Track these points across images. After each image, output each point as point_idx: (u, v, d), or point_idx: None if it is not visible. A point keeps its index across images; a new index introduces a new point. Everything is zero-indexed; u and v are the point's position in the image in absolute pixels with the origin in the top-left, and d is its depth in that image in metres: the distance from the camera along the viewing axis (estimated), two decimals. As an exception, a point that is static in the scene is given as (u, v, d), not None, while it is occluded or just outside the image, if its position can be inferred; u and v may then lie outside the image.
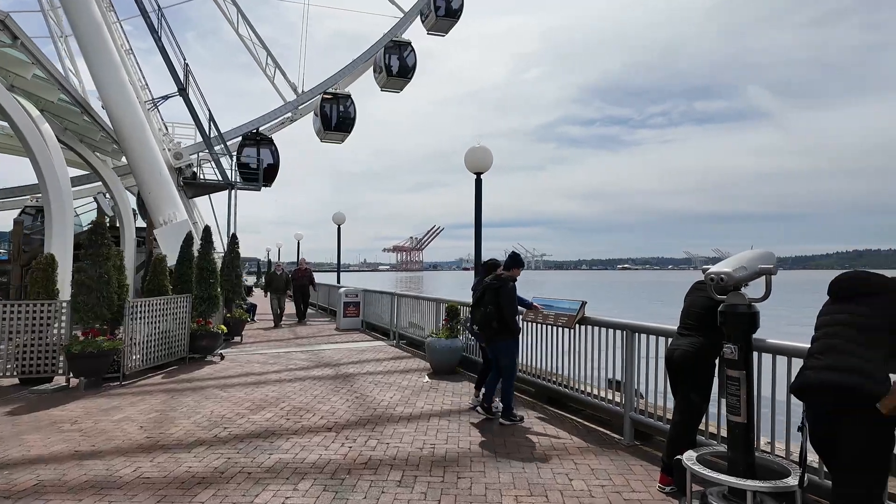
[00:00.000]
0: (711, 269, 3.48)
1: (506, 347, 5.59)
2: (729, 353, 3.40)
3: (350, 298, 14.07)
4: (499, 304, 5.51)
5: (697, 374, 3.83)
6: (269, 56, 22.05)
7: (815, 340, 2.95)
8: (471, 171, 8.37)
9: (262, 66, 21.93)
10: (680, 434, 3.90)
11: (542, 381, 6.28)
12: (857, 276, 3.00)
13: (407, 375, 8.02)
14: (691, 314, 3.97)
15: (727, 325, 3.42)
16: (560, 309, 5.82)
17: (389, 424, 5.49)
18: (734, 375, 3.38)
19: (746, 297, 3.37)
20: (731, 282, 3.33)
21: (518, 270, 5.80)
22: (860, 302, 2.90)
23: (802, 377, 2.87)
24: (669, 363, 3.99)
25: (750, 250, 3.59)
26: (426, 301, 10.29)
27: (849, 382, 2.65)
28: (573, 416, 5.75)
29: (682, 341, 3.93)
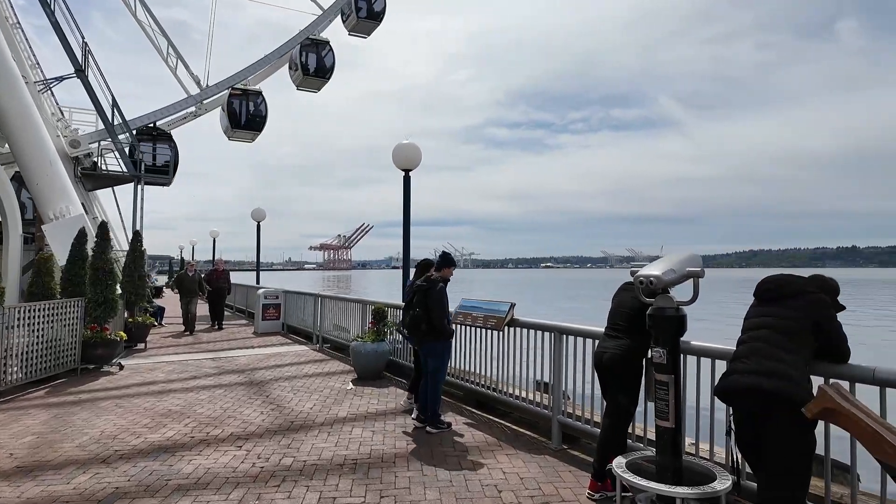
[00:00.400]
0: (640, 271, 3.41)
1: (434, 350, 5.35)
2: (658, 357, 3.34)
3: (270, 300, 13.30)
4: (427, 306, 5.26)
5: (625, 376, 3.78)
6: (169, 45, 20.29)
7: (741, 343, 2.94)
8: (399, 168, 8.06)
9: (163, 55, 20.16)
10: (609, 437, 3.84)
11: (470, 385, 6.11)
12: (782, 279, 3.02)
13: (330, 382, 7.59)
14: (619, 315, 3.91)
15: (655, 329, 3.37)
16: (489, 311, 5.66)
17: (308, 437, 5.08)
18: (663, 380, 3.33)
19: (674, 301, 3.33)
20: (660, 285, 3.28)
21: (450, 270, 5.57)
22: (785, 304, 2.92)
23: (728, 380, 2.84)
24: (598, 365, 3.92)
25: (676, 253, 3.57)
26: (352, 302, 9.86)
27: (774, 386, 2.63)
28: (501, 419, 5.62)
29: (609, 343, 3.87)
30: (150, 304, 13.95)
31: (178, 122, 19.89)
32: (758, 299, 3.06)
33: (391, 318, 7.87)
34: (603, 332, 4.04)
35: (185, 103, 19.84)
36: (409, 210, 8.10)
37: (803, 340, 2.80)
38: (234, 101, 20.66)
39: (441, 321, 5.25)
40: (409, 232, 8.17)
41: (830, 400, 2.40)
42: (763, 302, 3.02)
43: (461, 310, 6.07)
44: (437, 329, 5.25)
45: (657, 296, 3.39)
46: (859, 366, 2.85)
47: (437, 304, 5.26)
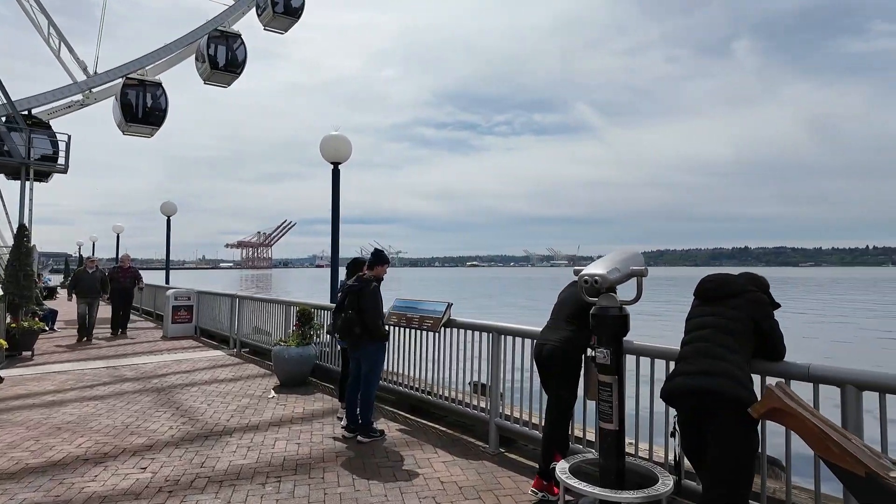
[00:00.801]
0: (585, 270, 3.32)
1: (368, 353, 5.02)
2: (601, 358, 3.26)
3: (181, 301, 12.28)
4: (360, 307, 4.94)
5: (566, 369, 3.71)
6: (50, 24, 17.88)
7: (686, 343, 2.91)
8: (328, 161, 7.63)
9: (44, 34, 17.74)
10: (553, 433, 3.78)
11: (403, 389, 5.84)
12: (723, 279, 3.02)
13: (249, 390, 7.03)
14: (563, 309, 3.86)
15: (599, 329, 3.29)
16: (425, 312, 5.43)
17: (225, 452, 4.60)
18: (606, 381, 3.25)
19: (618, 300, 3.26)
20: (605, 284, 3.19)
21: (383, 269, 5.24)
22: (727, 304, 2.92)
23: (674, 382, 2.79)
24: (539, 359, 3.84)
25: (619, 251, 3.52)
26: (274, 303, 9.23)
27: (720, 387, 2.60)
28: (437, 424, 5.41)
29: (551, 335, 3.80)
30: (40, 306, 12.46)
31: (61, 110, 17.67)
32: (699, 299, 3.05)
33: (318, 319, 7.43)
34: (544, 326, 3.96)
35: (68, 91, 17.56)
36: (339, 205, 7.70)
37: (745, 340, 2.81)
38: (128, 91, 18.52)
39: (375, 323, 4.95)
40: (339, 228, 7.77)
41: (778, 400, 2.38)
42: (705, 302, 3.01)
43: (395, 310, 5.79)
44: (371, 331, 4.95)
45: (600, 295, 3.31)
46: (794, 363, 2.90)
47: (371, 305, 4.95)
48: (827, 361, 2.97)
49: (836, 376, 2.75)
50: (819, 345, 17.71)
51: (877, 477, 2.06)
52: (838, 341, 18.70)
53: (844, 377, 2.72)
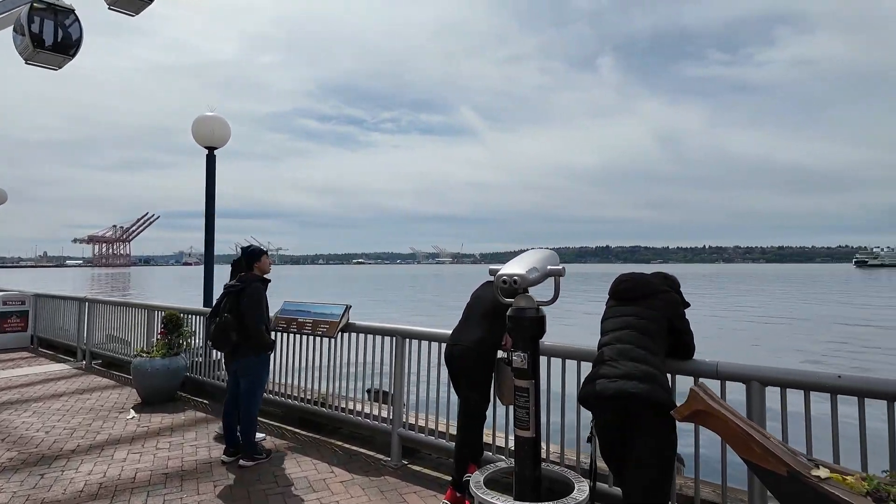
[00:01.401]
0: (502, 270, 3.12)
1: (248, 366, 4.40)
2: (518, 362, 3.08)
3: (11, 306, 10.28)
4: (239, 310, 4.32)
5: (479, 371, 3.52)
6: None
7: (605, 345, 2.82)
8: (201, 145, 6.74)
9: None
10: (464, 441, 3.56)
11: (291, 401, 5.28)
12: (639, 278, 2.99)
13: (101, 409, 5.95)
14: (477, 308, 3.67)
15: (515, 331, 3.11)
16: (320, 315, 4.93)
17: (70, 488, 3.75)
18: (523, 386, 3.08)
19: (535, 300, 3.11)
20: (524, 284, 3.01)
21: (265, 262, 4.56)
22: (643, 304, 2.88)
23: (597, 385, 2.68)
24: (450, 361, 3.61)
25: (535, 250, 3.38)
26: (134, 308, 7.97)
27: (644, 390, 2.54)
28: (331, 437, 4.94)
29: (463, 336, 3.60)
30: None
31: None
32: (615, 299, 2.99)
33: (189, 326, 6.52)
34: (455, 327, 3.73)
35: None
36: (214, 195, 6.85)
37: (662, 340, 2.79)
38: (35, 16, 15.33)
39: (257, 328, 4.34)
40: (214, 221, 6.91)
41: (702, 402, 2.34)
42: (621, 302, 2.95)
43: (284, 314, 5.20)
44: (251, 338, 4.34)
45: (517, 295, 3.14)
46: (703, 361, 2.94)
47: (252, 309, 4.34)
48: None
49: (742, 373, 2.82)
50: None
51: (798, 476, 2.08)
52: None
53: (750, 374, 2.80)
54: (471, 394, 3.53)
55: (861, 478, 2.08)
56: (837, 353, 16.05)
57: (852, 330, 20.34)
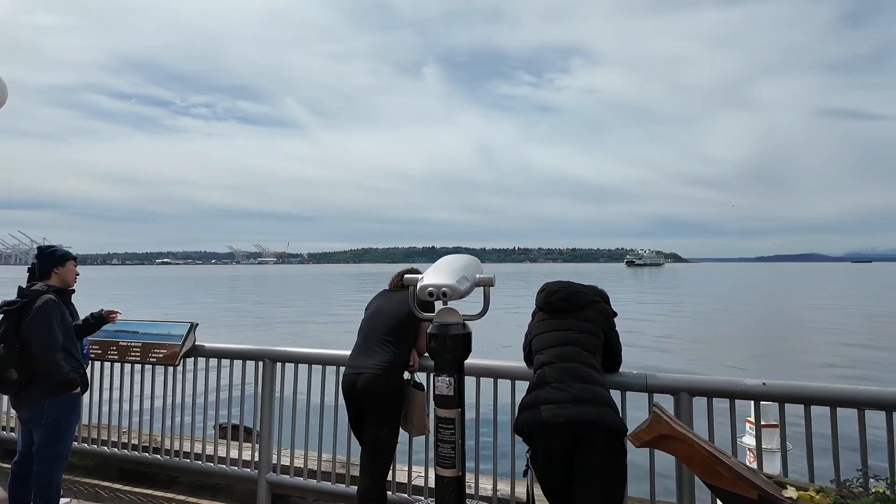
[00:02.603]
0: (426, 280, 2.61)
1: (40, 411, 3.15)
2: (444, 388, 2.61)
3: None
4: (21, 336, 3.07)
5: (391, 401, 2.96)
6: None
7: (546, 364, 2.50)
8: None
9: None
10: (371, 487, 2.95)
11: (110, 449, 4.02)
12: (572, 289, 2.74)
13: None
14: (380, 326, 3.07)
15: (439, 351, 2.64)
16: (154, 337, 3.80)
17: None
18: (447, 416, 2.62)
19: (460, 314, 2.67)
20: (455, 297, 2.55)
21: (68, 269, 3.35)
22: (578, 316, 2.64)
23: (542, 412, 2.34)
24: (351, 392, 2.96)
25: (453, 256, 2.94)
26: None
27: (598, 416, 2.28)
28: (168, 492, 3.86)
29: (366, 360, 2.98)
30: None
31: None
32: (546, 311, 2.70)
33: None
34: (353, 348, 3.10)
35: None
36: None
37: (600, 355, 2.58)
38: None
39: (48, 360, 3.06)
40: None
41: (666, 426, 2.15)
42: (555, 314, 2.68)
43: (106, 337, 3.90)
44: (42, 375, 3.10)
45: (440, 309, 2.67)
46: (631, 373, 2.82)
47: (39, 332, 3.08)
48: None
49: (671, 384, 2.74)
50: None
51: (771, 499, 1.99)
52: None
53: (679, 385, 2.73)
54: (380, 430, 2.94)
55: (817, 491, 2.08)
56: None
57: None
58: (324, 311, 31.70)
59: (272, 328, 22.84)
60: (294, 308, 33.78)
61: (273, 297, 42.41)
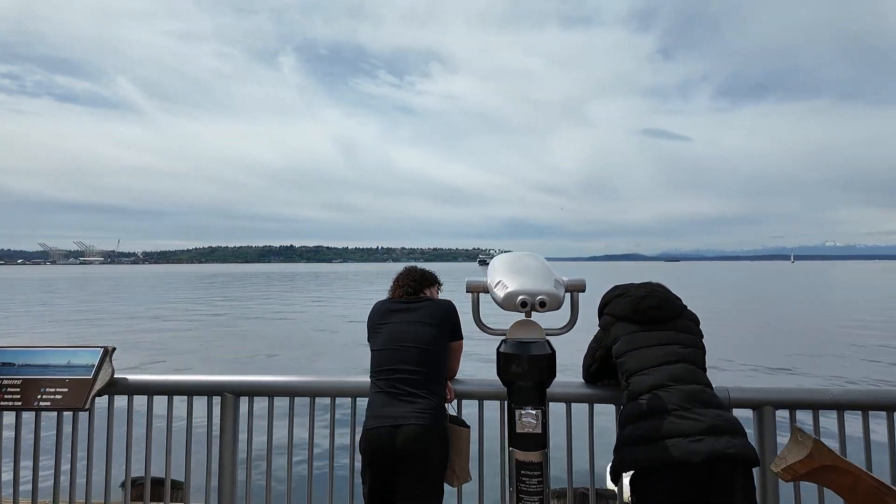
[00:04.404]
0: (512, 286, 2.00)
1: None
2: (530, 424, 2.04)
3: None
4: None
5: (438, 457, 2.27)
6: None
7: (657, 387, 2.05)
8: None
9: None
10: None
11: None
12: (663, 294, 2.33)
13: None
14: (408, 357, 2.35)
15: (523, 377, 2.06)
16: (48, 371, 2.57)
17: None
18: (533, 461, 2.05)
19: (542, 329, 2.12)
20: (554, 307, 1.99)
21: None
22: (676, 326, 2.25)
23: (669, 448, 1.90)
24: (385, 452, 2.21)
25: (517, 255, 2.35)
26: None
27: (741, 448, 1.90)
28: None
29: (402, 409, 2.25)
30: None
31: None
32: (637, 322, 2.26)
33: None
34: (376, 389, 2.35)
35: None
36: None
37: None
38: None
39: None
40: None
41: (828, 455, 1.84)
42: (646, 325, 2.25)
43: None
44: None
45: (517, 322, 2.09)
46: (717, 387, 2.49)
47: None
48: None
49: (755, 398, 2.47)
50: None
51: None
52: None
53: (763, 398, 2.47)
54: (423, 492, 2.23)
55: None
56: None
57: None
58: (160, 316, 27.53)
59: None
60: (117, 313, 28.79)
61: (91, 303, 36.39)
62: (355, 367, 12.47)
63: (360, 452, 2.28)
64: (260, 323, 23.77)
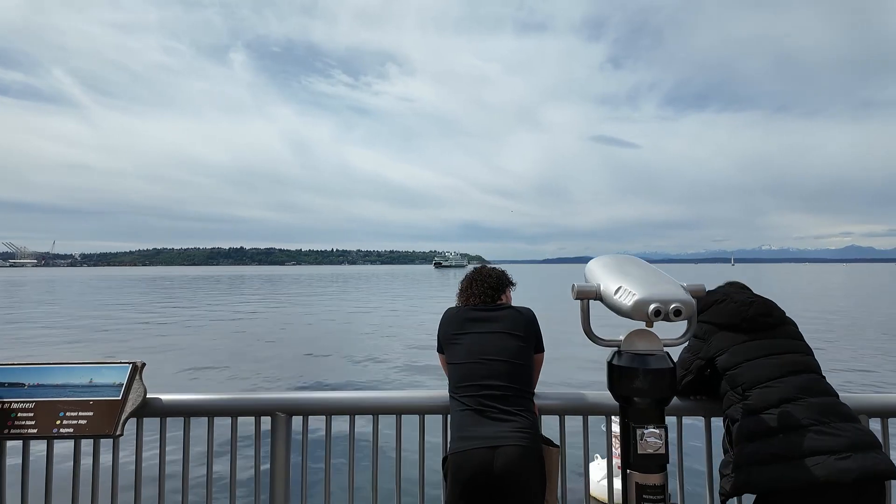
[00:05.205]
0: (648, 296, 1.80)
1: None
2: (653, 444, 1.85)
3: None
4: None
5: (537, 480, 2.06)
6: None
7: (786, 401, 1.91)
8: None
9: None
10: None
11: None
12: (764, 298, 2.21)
13: None
14: (497, 372, 2.14)
15: (645, 393, 1.87)
16: (68, 391, 2.18)
17: None
18: (656, 483, 1.86)
19: (660, 339, 1.94)
20: (687, 316, 1.81)
21: None
22: (789, 333, 2.13)
23: (810, 467, 1.75)
24: (482, 477, 1.98)
25: (625, 258, 2.15)
26: None
27: (887, 465, 1.78)
28: None
29: (498, 428, 2.04)
30: None
31: None
32: (745, 331, 2.12)
33: None
34: (462, 406, 2.11)
35: None
36: None
37: None
38: None
39: None
40: None
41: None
42: (756, 333, 2.12)
43: None
44: None
45: (631, 333, 1.91)
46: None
47: None
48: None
49: (877, 406, 2.35)
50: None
51: None
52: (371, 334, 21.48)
53: (881, 406, 2.36)
54: None
55: None
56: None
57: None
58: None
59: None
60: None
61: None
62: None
63: (450, 478, 2.04)
64: (217, 327, 22.71)
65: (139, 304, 36.53)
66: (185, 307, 33.11)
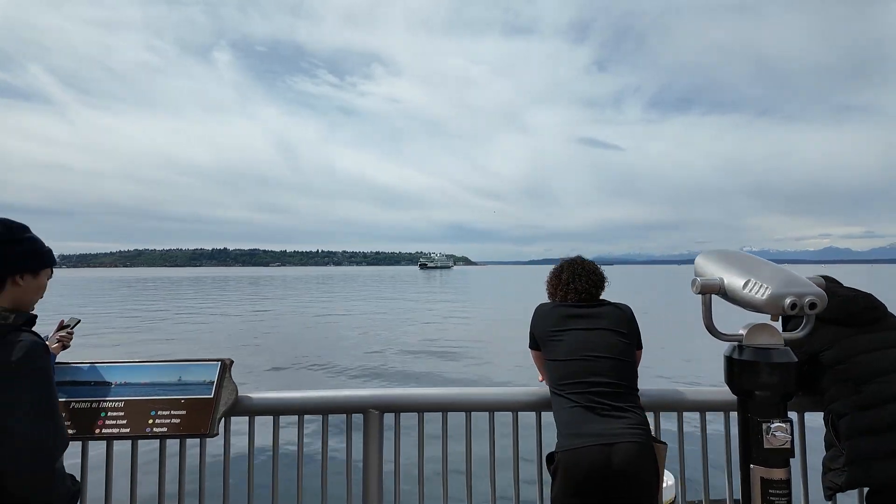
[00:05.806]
0: (783, 290, 1.77)
1: None
2: (781, 439, 1.82)
3: None
4: None
5: (653, 479, 2.01)
6: None
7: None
8: None
9: None
10: None
11: None
12: (866, 294, 2.20)
13: None
14: (605, 367, 2.10)
15: (776, 388, 1.85)
16: (158, 389, 2.08)
17: None
18: (782, 478, 1.84)
19: (781, 334, 1.92)
20: (821, 309, 1.79)
21: (44, 279, 1.66)
22: (887, 327, 2.13)
23: None
24: (600, 474, 1.93)
25: (743, 254, 2.12)
26: None
27: None
28: None
29: (613, 425, 2.00)
30: None
31: None
32: (851, 326, 2.12)
33: None
34: (571, 403, 2.07)
35: None
36: None
37: None
38: None
39: (40, 474, 1.39)
40: None
41: None
42: (861, 327, 2.11)
43: (67, 395, 2.00)
44: (29, 482, 1.35)
45: (753, 326, 1.89)
46: None
47: (28, 415, 1.38)
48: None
49: None
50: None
51: None
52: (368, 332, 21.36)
53: None
54: None
55: None
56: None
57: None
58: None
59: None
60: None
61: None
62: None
63: (562, 476, 1.99)
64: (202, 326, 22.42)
65: (139, 304, 35.89)
66: (185, 307, 32.60)
